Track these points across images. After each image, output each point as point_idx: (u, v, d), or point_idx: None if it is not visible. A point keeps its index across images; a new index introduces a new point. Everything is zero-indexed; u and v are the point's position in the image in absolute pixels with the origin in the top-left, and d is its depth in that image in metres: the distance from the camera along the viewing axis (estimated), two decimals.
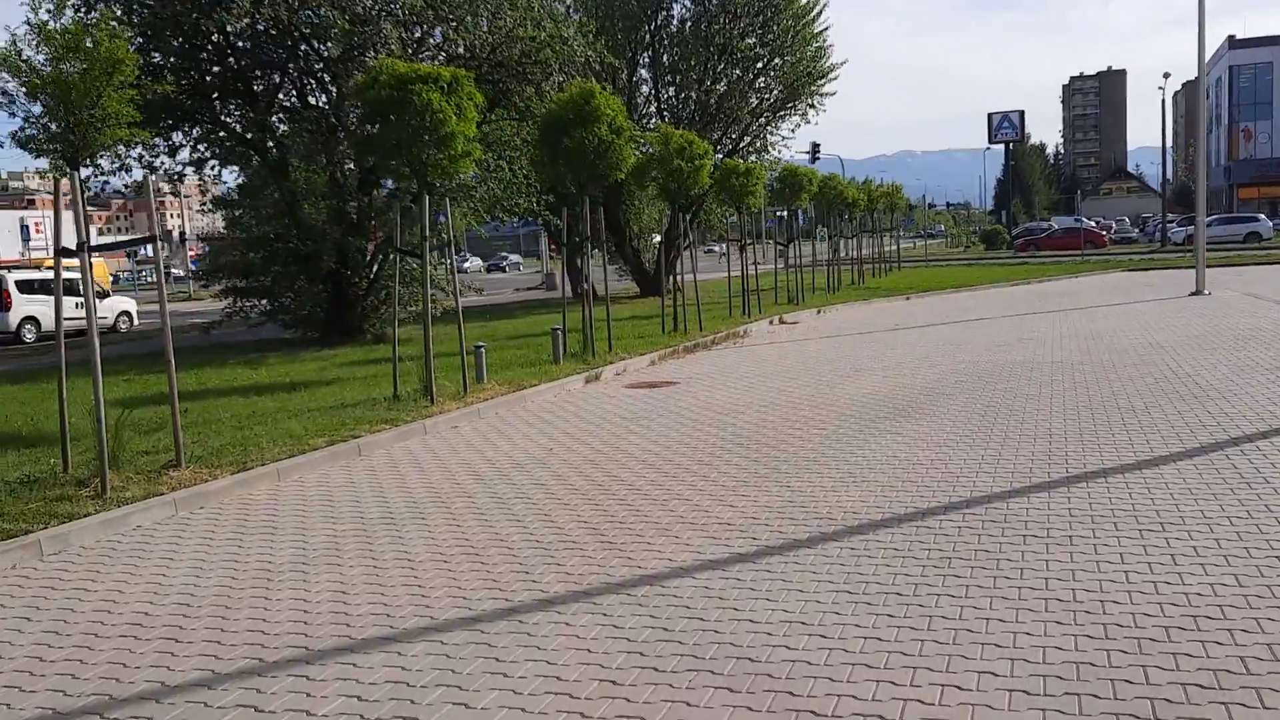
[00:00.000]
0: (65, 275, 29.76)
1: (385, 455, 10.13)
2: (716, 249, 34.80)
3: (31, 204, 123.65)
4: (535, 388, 13.81)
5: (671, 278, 36.66)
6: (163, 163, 20.16)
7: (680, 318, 20.97)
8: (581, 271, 21.13)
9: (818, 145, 65.58)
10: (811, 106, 33.29)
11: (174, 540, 7.37)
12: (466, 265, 38.87)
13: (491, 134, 22.28)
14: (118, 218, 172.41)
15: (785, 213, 49.99)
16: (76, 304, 31.94)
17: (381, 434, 10.62)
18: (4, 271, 31.09)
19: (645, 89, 33.70)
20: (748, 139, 33.55)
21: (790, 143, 53.16)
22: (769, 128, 33.75)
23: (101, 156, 20.05)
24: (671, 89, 33.22)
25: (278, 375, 16.15)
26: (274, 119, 20.29)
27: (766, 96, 32.62)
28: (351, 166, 20.91)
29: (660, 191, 20.71)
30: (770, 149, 34.18)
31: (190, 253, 69.78)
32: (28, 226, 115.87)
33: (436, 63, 19.10)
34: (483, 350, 14.06)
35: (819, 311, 27.12)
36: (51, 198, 9.11)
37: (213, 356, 19.79)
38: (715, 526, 7.02)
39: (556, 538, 6.95)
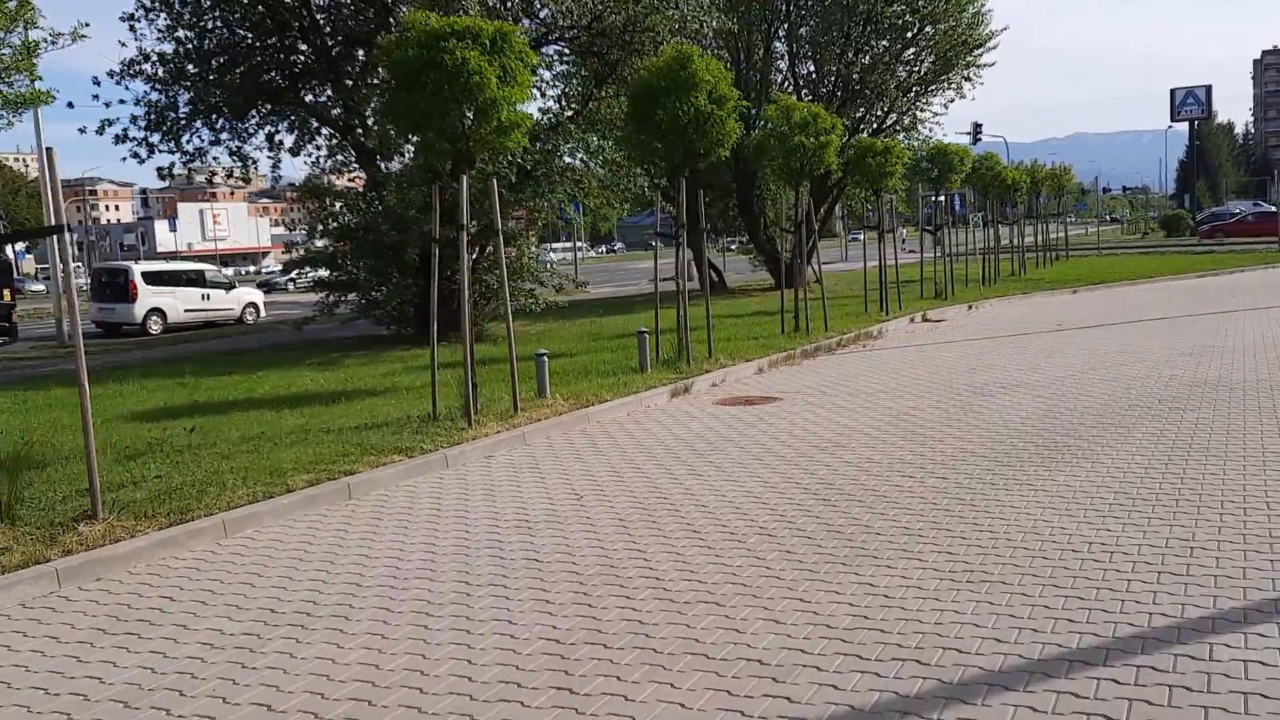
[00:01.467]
0: (193, 267, 29.01)
1: (379, 500, 8.04)
2: (861, 236, 31.96)
3: (213, 196, 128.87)
4: (606, 404, 11.55)
5: (809, 269, 33.99)
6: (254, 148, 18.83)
7: (805, 315, 18.33)
8: (681, 264, 18.77)
9: (979, 126, 61.13)
10: (967, 79, 29.87)
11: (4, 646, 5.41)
12: (550, 257, 36.26)
13: (598, 112, 20.11)
14: (292, 209, 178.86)
15: (940, 197, 46.35)
16: (203, 295, 31.63)
17: (386, 469, 8.54)
18: (130, 263, 30.88)
19: (782, 65, 30.94)
20: (894, 116, 30.38)
21: (942, 120, 49.61)
22: (918, 103, 30.48)
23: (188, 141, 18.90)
24: (810, 63, 30.34)
25: (334, 382, 14.38)
26: (361, 98, 18.59)
27: (916, 69, 29.37)
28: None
29: (779, 172, 18.10)
30: (920, 127, 30.94)
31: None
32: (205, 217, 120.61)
33: (526, 34, 17.07)
34: (544, 359, 11.86)
35: (970, 307, 23.95)
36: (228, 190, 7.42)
37: (290, 356, 18.30)
38: (739, 664, 4.59)
39: (500, 674, 4.66)
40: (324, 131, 19.23)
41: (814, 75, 30.34)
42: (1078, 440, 8.87)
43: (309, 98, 18.92)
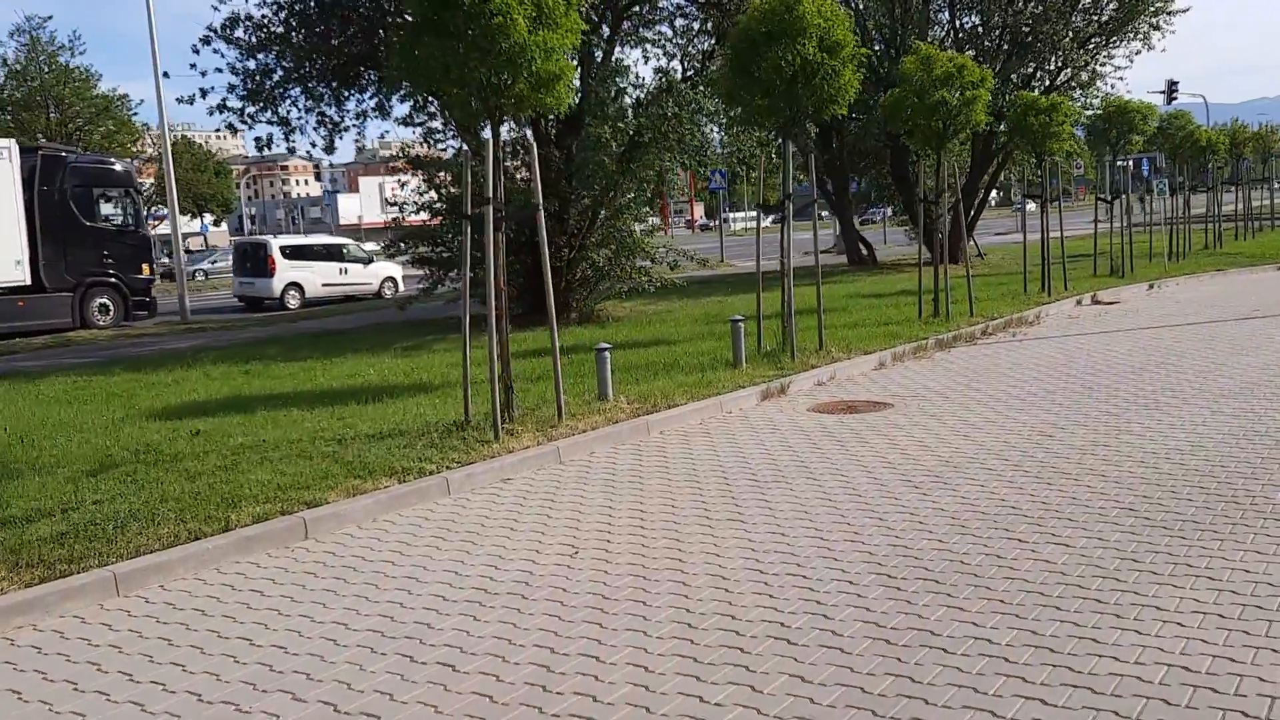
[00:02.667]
0: (331, 242, 28.45)
1: (335, 546, 6.40)
2: (1026, 206, 28.77)
3: (394, 170, 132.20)
4: (676, 409, 9.64)
5: (969, 242, 30.85)
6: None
7: (946, 298, 15.84)
8: (787, 240, 16.36)
9: (1175, 84, 55.42)
10: (1155, 28, 26.11)
11: None
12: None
13: (718, 73, 17.99)
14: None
15: (1127, 162, 41.79)
16: (340, 270, 31.19)
17: (363, 499, 6.91)
18: (269, 237, 30.69)
19: (943, 17, 27.86)
20: (1069, 72, 26.91)
21: (1125, 74, 44.70)
22: (1098, 57, 26.90)
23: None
24: (975, 14, 27.18)
25: (400, 372, 12.95)
26: None
27: (1095, 16, 25.84)
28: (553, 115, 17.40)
29: (918, 134, 15.62)
30: (1100, 83, 27.35)
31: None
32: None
33: None
34: (606, 355, 10.01)
35: (1150, 287, 20.75)
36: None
37: (382, 339, 17.06)
38: None
39: None
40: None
41: (978, 27, 27.17)
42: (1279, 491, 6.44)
43: None
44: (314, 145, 18.08)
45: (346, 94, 17.81)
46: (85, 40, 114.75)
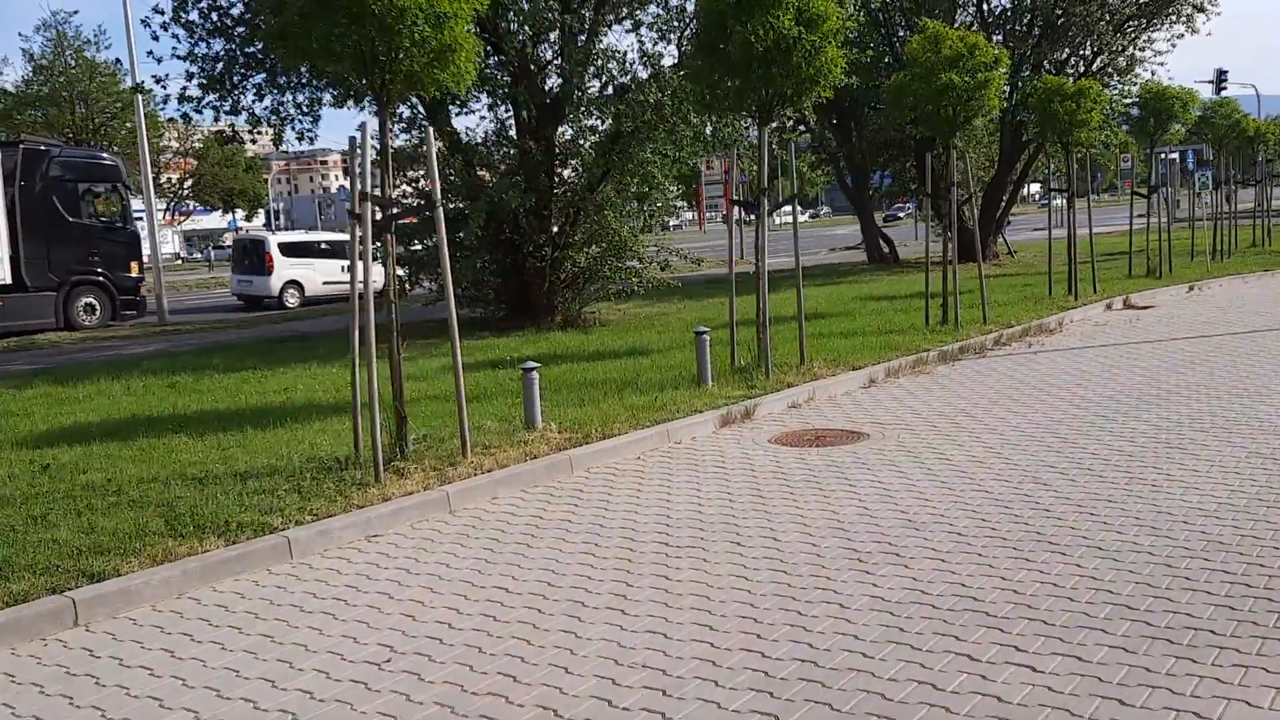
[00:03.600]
0: (333, 238, 27.21)
1: (114, 633, 5.03)
2: (1058, 200, 27.06)
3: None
4: (616, 439, 8.18)
5: (999, 240, 29.01)
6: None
7: (956, 303, 14.21)
8: (763, 239, 14.65)
9: (1224, 73, 52.70)
10: (1199, 9, 24.11)
11: None
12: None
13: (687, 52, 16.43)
14: None
15: (1172, 154, 39.55)
16: (343, 267, 29.96)
17: (170, 567, 5.52)
18: (267, 234, 29.54)
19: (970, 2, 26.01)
20: (1105, 57, 24.98)
21: (1166, 59, 42.01)
22: (1136, 41, 24.95)
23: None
24: None
25: (334, 389, 11.57)
26: None
27: None
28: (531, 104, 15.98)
29: (925, 121, 14.00)
30: (1139, 69, 25.35)
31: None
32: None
33: None
34: (533, 375, 8.52)
35: (1190, 289, 18.94)
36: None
37: (345, 345, 15.64)
38: None
39: None
40: None
41: (1008, 10, 25.33)
42: None
43: None
44: (282, 137, 16.76)
45: (299, 82, 16.38)
46: (110, 35, 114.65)
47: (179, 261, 74.29)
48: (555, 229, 16.71)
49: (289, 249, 28.34)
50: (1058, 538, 5.61)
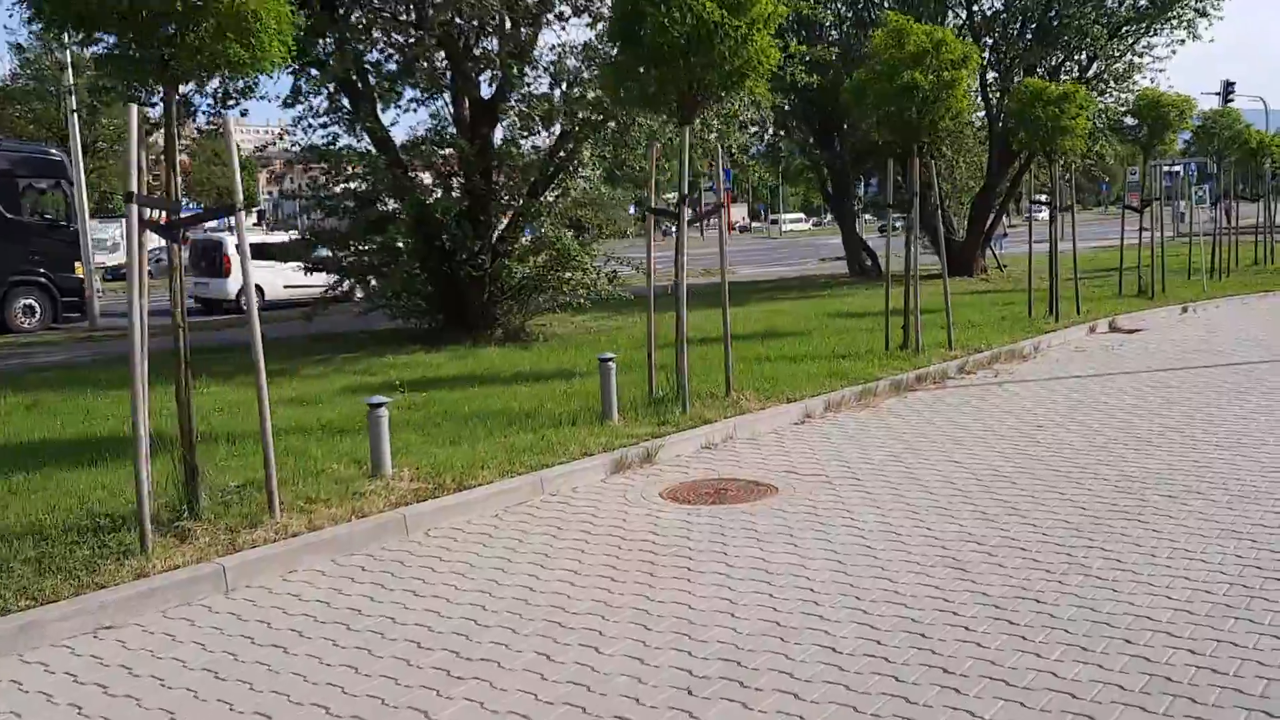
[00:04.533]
0: (298, 239, 25.68)
1: None
2: (1042, 213, 25.71)
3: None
4: (475, 491, 6.85)
5: (989, 253, 27.58)
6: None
7: (917, 326, 12.84)
8: (682, 243, 13.32)
9: (1232, 84, 51.30)
10: (1201, 14, 22.71)
11: None
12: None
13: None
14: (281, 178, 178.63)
15: (1166, 165, 38.05)
16: (307, 270, 28.67)
17: None
18: (225, 235, 28.19)
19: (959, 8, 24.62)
20: (1101, 63, 23.60)
21: (1165, 66, 40.71)
22: (1133, 47, 23.55)
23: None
24: None
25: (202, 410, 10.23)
26: (356, 34, 14.29)
27: None
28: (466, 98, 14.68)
29: (889, 124, 12.65)
30: (1137, 75, 23.94)
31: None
32: None
33: None
34: (381, 414, 7.17)
35: (1185, 309, 17.56)
36: None
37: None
38: None
39: None
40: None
41: (1000, 11, 23.91)
42: None
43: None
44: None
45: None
46: None
47: (159, 262, 72.86)
48: (496, 236, 15.39)
49: (288, 251, 27.04)
50: (955, 663, 4.25)
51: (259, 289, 27.15)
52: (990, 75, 24.74)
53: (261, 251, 27.94)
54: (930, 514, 6.40)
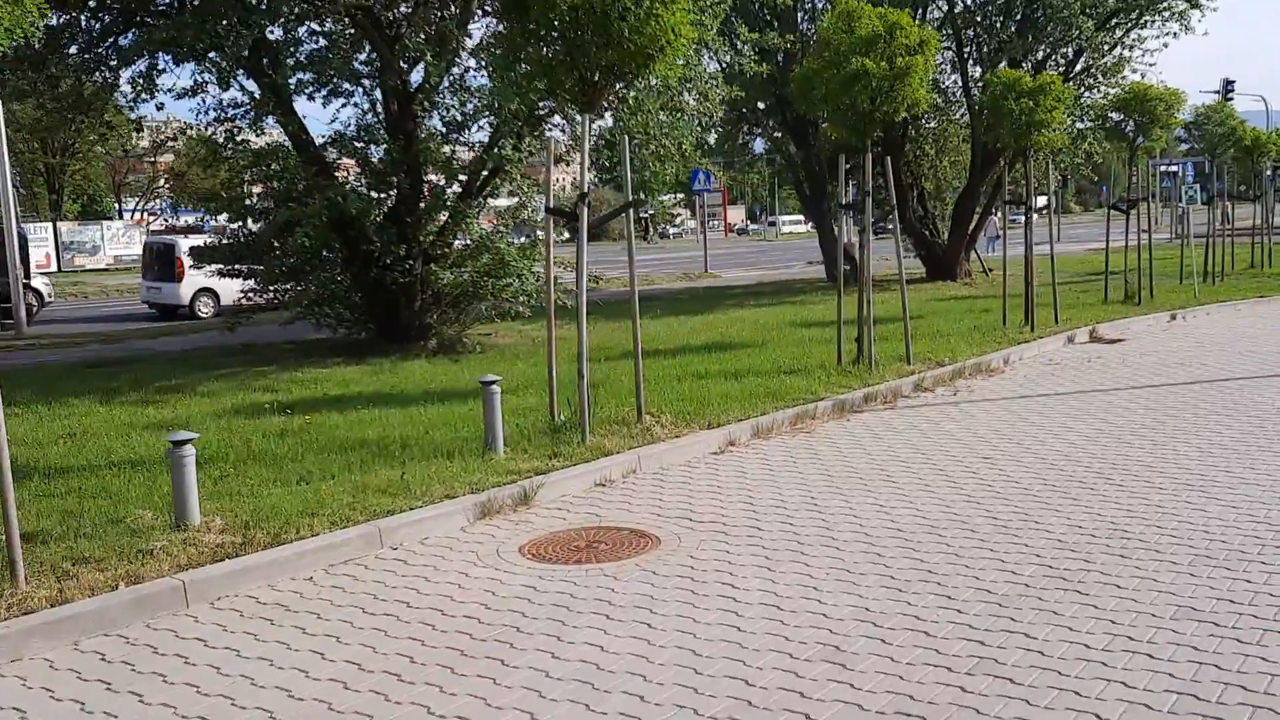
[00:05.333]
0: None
1: None
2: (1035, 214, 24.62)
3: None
4: (286, 547, 5.70)
5: (971, 256, 26.35)
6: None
7: (869, 338, 11.69)
8: (582, 257, 12.26)
9: (1231, 83, 49.93)
10: (1192, 4, 21.48)
11: None
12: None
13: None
14: None
15: (1172, 167, 36.79)
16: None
17: None
18: (179, 237, 27.03)
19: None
20: (1088, 56, 22.40)
21: (1155, 58, 39.35)
22: (1123, 39, 22.34)
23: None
24: None
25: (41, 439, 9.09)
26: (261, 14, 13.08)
27: None
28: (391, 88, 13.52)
29: (838, 117, 11.49)
30: (1126, 68, 22.71)
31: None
32: None
33: None
34: (185, 455, 6.01)
35: (1173, 318, 16.38)
36: None
37: (155, 373, 13.15)
38: None
39: None
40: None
41: (984, 2, 22.67)
42: None
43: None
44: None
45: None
46: None
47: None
48: (429, 240, 14.25)
49: (202, 254, 25.91)
50: None
51: (214, 293, 26.10)
52: (976, 70, 23.59)
53: (216, 255, 26.82)
54: (830, 580, 5.24)
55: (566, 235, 15.79)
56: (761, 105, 24.35)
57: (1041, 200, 34.64)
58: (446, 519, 6.40)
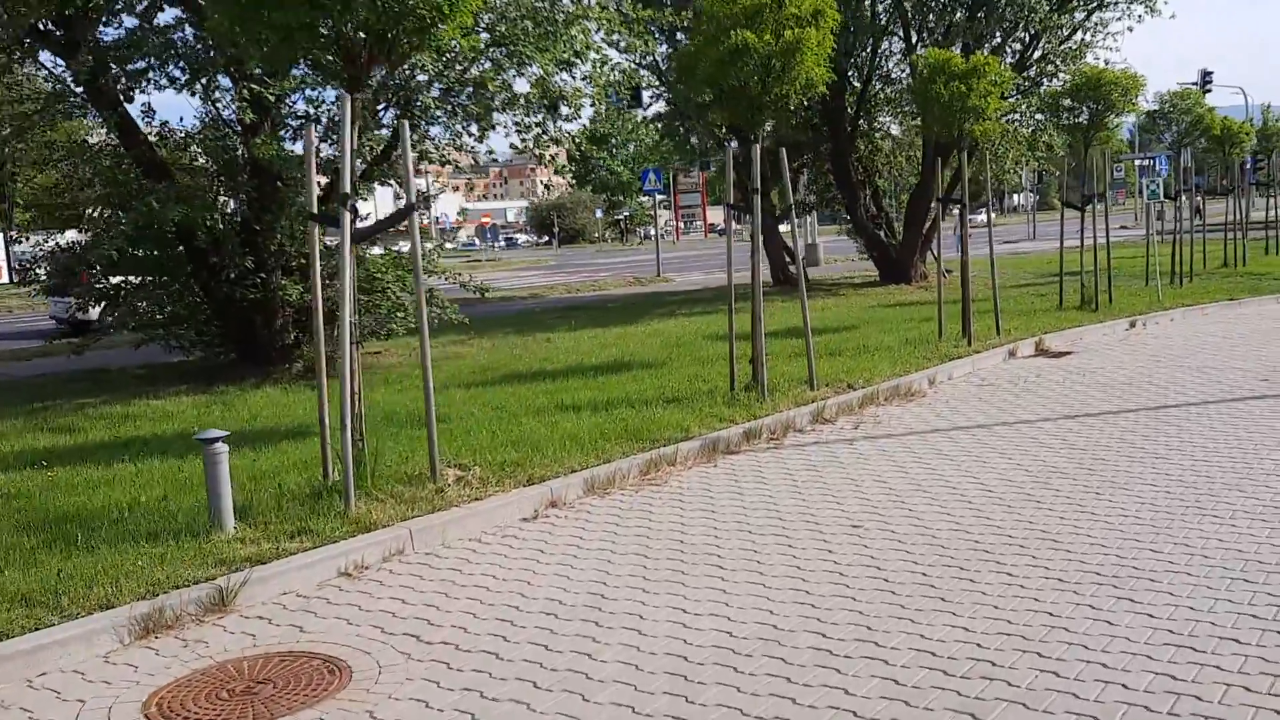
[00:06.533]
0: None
1: None
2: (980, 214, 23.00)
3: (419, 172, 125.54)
4: None
5: (928, 257, 24.62)
6: None
7: (761, 360, 9.98)
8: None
9: (1209, 74, 48.29)
10: None
11: None
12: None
13: None
14: (494, 185, 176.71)
15: (1147, 159, 35.16)
16: None
17: None
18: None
19: None
20: (1046, 42, 20.67)
21: (1118, 41, 37.39)
22: (1083, 23, 20.60)
23: None
24: None
25: None
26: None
27: None
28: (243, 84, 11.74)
29: (722, 104, 9.78)
30: (1089, 53, 20.95)
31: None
32: None
33: None
34: None
35: (1132, 324, 14.67)
36: None
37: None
38: None
39: None
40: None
41: None
42: None
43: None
44: None
45: None
46: None
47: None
48: (277, 249, 12.50)
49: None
50: None
51: None
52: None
53: None
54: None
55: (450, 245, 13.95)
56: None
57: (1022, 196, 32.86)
58: (84, 643, 4.65)
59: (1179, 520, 5.77)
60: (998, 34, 20.19)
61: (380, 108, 12.40)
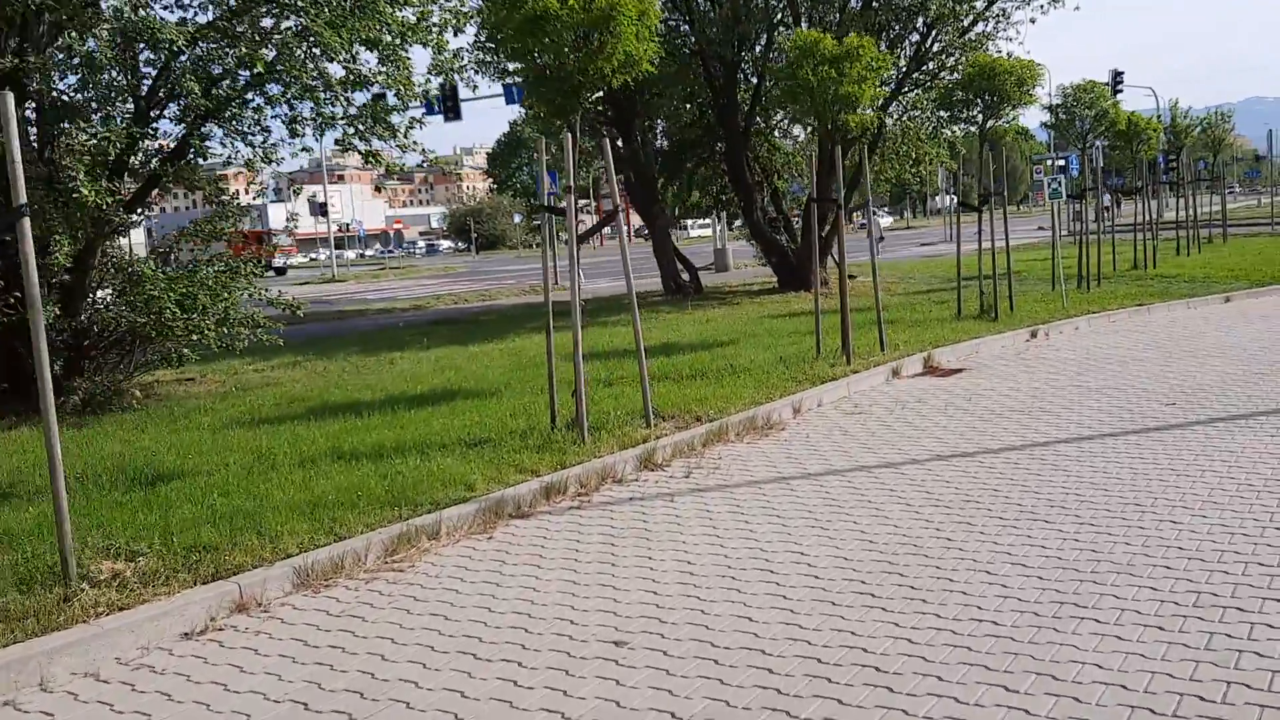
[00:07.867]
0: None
1: None
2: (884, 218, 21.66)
3: (340, 178, 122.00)
4: None
5: (827, 262, 23.28)
6: None
7: (582, 393, 8.35)
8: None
9: (1120, 73, 47.86)
10: None
11: None
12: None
13: None
14: (420, 190, 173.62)
15: (1061, 159, 34.33)
16: None
17: None
18: None
19: None
20: (943, 33, 19.38)
21: (1020, 32, 36.79)
22: (984, 13, 19.33)
23: None
24: None
25: None
26: None
27: None
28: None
29: (532, 84, 8.12)
30: (991, 43, 19.68)
31: None
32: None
33: None
34: None
35: (1034, 334, 13.32)
36: None
37: None
38: None
39: None
40: None
41: None
42: None
43: None
44: None
45: None
46: None
47: None
48: (59, 267, 10.60)
49: None
50: None
51: None
52: None
53: None
54: None
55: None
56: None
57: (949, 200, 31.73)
58: None
59: (1049, 625, 4.23)
60: (895, 25, 18.83)
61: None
